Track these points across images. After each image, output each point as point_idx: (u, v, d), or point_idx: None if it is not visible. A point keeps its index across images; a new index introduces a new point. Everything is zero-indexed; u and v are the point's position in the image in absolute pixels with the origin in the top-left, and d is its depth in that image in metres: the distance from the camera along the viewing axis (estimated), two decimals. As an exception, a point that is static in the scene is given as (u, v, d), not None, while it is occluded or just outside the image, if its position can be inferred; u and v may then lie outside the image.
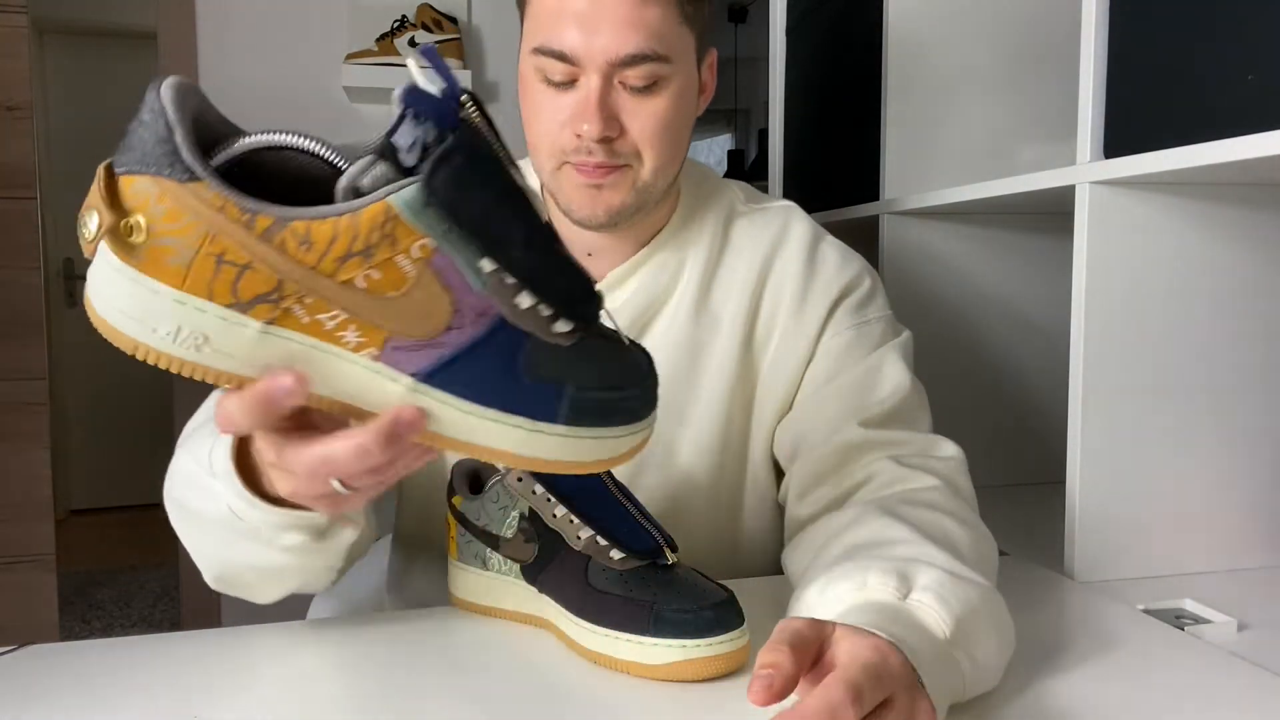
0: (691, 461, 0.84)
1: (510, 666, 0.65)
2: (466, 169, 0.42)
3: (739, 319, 0.84)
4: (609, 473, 0.70)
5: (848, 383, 0.82)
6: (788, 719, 0.44)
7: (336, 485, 0.49)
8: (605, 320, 0.50)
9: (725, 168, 5.22)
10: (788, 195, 1.69)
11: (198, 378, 0.44)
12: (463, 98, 0.43)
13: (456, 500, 0.75)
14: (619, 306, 0.83)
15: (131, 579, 3.27)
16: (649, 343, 0.82)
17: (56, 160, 3.88)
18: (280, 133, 0.44)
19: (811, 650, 0.49)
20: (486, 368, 0.45)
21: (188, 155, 0.41)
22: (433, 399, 0.46)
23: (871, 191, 1.32)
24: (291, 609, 0.82)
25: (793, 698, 0.47)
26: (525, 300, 0.45)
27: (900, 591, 0.57)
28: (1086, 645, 0.70)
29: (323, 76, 2.18)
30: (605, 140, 0.73)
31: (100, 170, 0.42)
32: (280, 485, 0.53)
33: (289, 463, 0.49)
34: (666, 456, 0.84)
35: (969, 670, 0.56)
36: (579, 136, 0.73)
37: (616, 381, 0.48)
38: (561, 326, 0.46)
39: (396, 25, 2.08)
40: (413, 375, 0.45)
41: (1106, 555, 0.88)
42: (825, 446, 0.79)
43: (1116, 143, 0.84)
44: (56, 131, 3.89)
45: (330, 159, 0.44)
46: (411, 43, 2.06)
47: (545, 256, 0.46)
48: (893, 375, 0.82)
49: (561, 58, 0.72)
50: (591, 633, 0.65)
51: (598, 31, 0.71)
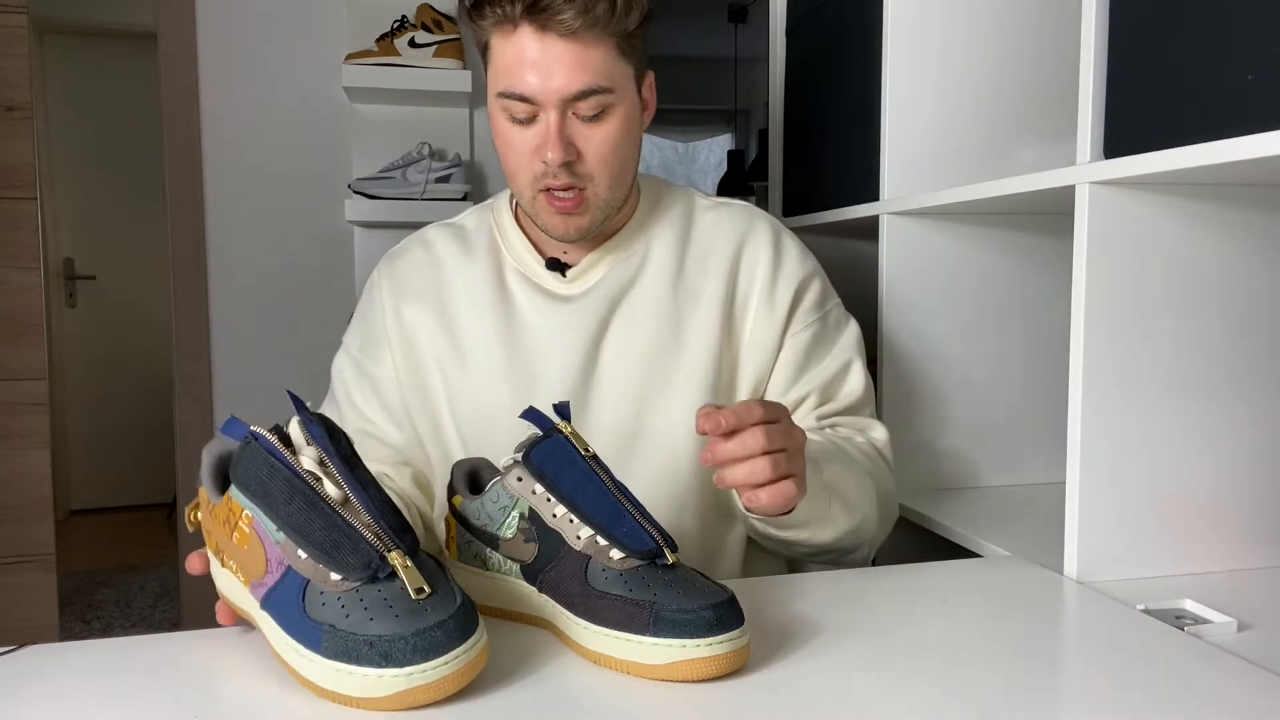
0: (682, 424, 0.93)
1: (510, 666, 0.65)
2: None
3: (717, 296, 0.96)
4: (608, 472, 0.70)
5: (815, 382, 0.98)
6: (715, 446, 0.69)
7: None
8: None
9: (725, 168, 5.22)
10: (788, 195, 1.69)
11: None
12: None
13: (456, 500, 0.75)
14: (592, 287, 0.95)
15: (131, 579, 3.27)
16: (628, 313, 0.94)
17: (56, 160, 3.88)
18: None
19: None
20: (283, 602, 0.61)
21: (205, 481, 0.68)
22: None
23: (871, 191, 1.32)
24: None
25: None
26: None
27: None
28: (1086, 645, 0.71)
29: (322, 76, 2.19)
30: (566, 164, 0.86)
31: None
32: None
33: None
34: (661, 418, 0.94)
35: (821, 492, 0.82)
36: (545, 163, 0.86)
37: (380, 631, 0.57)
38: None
39: (396, 25, 2.08)
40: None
41: (1106, 555, 0.88)
42: None
43: (1116, 143, 0.84)
44: (56, 131, 3.89)
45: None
46: (411, 43, 2.06)
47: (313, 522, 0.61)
48: (853, 379, 0.99)
49: (523, 99, 0.85)
50: (591, 632, 0.65)
51: (552, 75, 0.83)
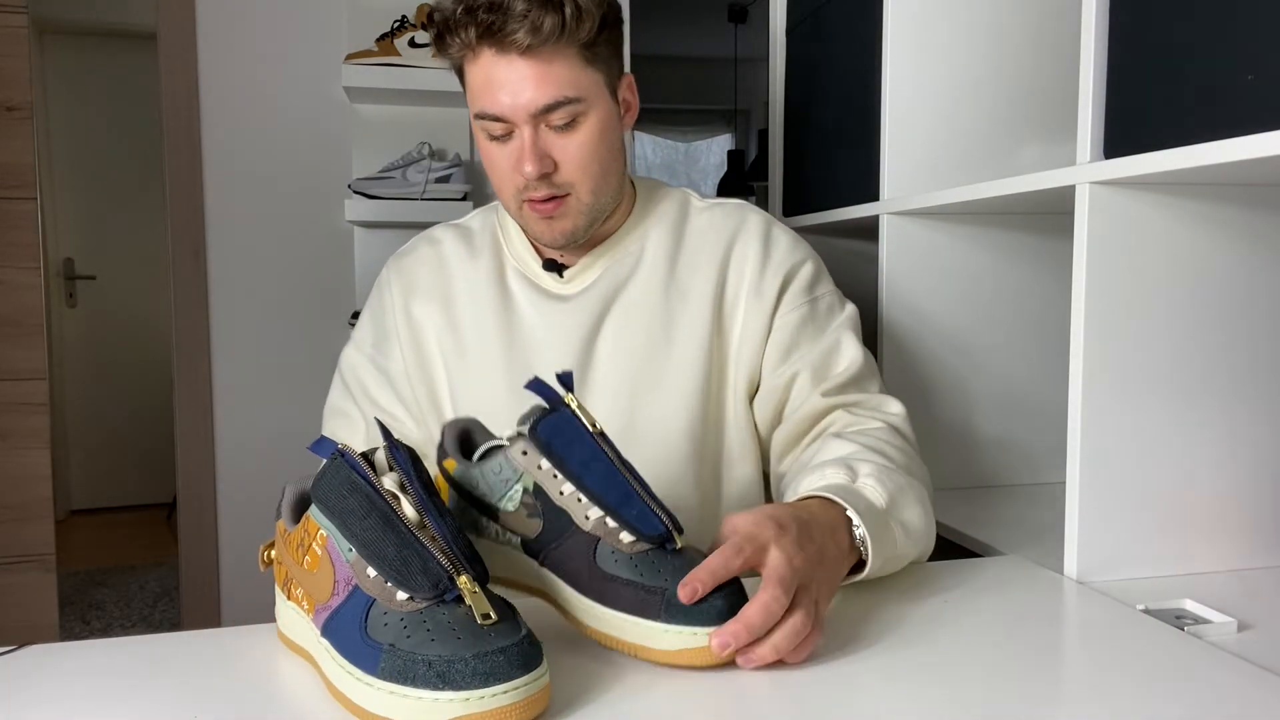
0: (674, 421, 0.95)
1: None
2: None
3: (707, 294, 0.97)
4: (616, 451, 0.70)
5: (810, 359, 0.96)
6: (743, 654, 0.62)
7: None
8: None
9: (725, 168, 5.22)
10: (788, 195, 1.69)
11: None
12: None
13: (449, 464, 0.74)
14: (587, 287, 0.98)
15: (131, 579, 3.27)
16: (621, 313, 0.96)
17: (56, 160, 3.87)
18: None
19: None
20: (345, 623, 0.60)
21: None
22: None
23: (871, 191, 1.32)
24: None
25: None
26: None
27: (850, 477, 0.79)
28: (1086, 645, 0.71)
29: (322, 77, 2.18)
30: (544, 176, 0.89)
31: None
32: None
33: None
34: (654, 414, 0.95)
35: (900, 536, 0.78)
36: (524, 176, 0.89)
37: (441, 652, 0.55)
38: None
39: (396, 25, 2.08)
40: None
41: (1106, 555, 0.88)
42: (796, 415, 0.95)
43: (1116, 143, 0.84)
44: (56, 131, 3.88)
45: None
46: (411, 43, 2.06)
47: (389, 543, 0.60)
48: (848, 350, 0.98)
49: (497, 119, 0.88)
50: (601, 613, 0.65)
51: (519, 92, 0.86)
